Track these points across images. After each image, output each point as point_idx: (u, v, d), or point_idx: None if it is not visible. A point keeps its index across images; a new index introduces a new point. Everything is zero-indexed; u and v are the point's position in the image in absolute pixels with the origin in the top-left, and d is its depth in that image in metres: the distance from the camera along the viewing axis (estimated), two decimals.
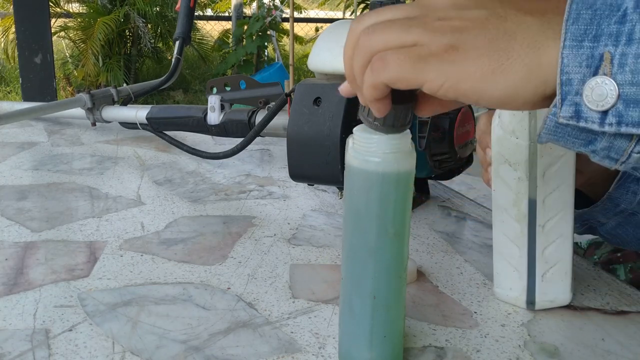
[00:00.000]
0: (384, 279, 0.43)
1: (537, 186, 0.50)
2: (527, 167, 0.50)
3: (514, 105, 0.34)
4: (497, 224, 0.54)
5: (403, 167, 0.40)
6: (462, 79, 0.34)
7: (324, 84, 0.67)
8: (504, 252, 0.54)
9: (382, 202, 0.41)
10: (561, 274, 0.53)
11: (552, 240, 0.52)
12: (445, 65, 0.34)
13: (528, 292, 0.53)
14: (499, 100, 0.34)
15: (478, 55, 0.33)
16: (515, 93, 0.33)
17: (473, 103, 0.36)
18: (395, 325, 0.44)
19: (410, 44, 0.35)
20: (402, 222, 0.42)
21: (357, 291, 0.43)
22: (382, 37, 0.36)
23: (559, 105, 0.32)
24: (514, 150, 0.50)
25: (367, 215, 0.41)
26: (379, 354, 0.44)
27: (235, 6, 5.46)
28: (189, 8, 1.09)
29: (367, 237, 0.42)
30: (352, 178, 0.41)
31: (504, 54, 0.33)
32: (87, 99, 1.05)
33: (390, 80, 0.36)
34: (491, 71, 0.33)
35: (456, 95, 0.35)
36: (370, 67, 0.36)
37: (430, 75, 0.34)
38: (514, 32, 0.33)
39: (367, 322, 0.43)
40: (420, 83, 0.35)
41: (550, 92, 0.33)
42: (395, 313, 0.44)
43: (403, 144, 0.40)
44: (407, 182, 0.41)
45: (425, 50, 0.34)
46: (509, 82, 0.33)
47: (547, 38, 0.33)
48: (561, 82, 0.32)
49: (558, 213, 0.51)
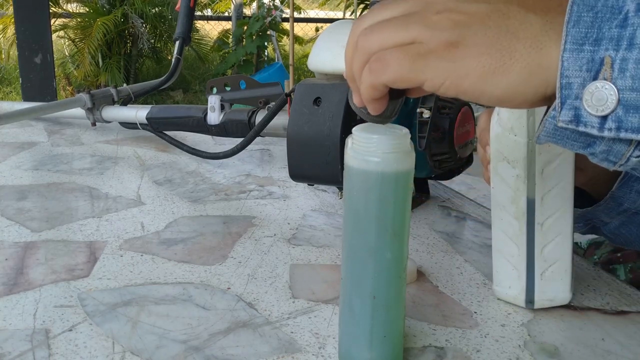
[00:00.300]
0: (384, 279, 0.43)
1: (536, 184, 0.50)
2: (525, 164, 0.50)
3: (513, 104, 0.34)
4: (496, 221, 0.54)
5: (402, 167, 0.40)
6: (463, 77, 0.34)
7: (324, 84, 0.67)
8: (503, 250, 0.54)
9: (381, 202, 0.41)
10: (561, 273, 0.53)
11: (551, 239, 0.52)
12: (445, 63, 0.34)
13: (527, 290, 0.53)
14: (498, 99, 0.33)
15: (479, 53, 0.33)
16: (515, 93, 0.33)
17: (473, 101, 0.35)
18: (395, 325, 0.44)
19: (409, 42, 0.35)
20: (402, 222, 0.42)
21: (357, 291, 0.43)
22: (379, 37, 0.36)
23: (558, 108, 0.32)
24: (512, 148, 0.50)
25: (367, 215, 0.41)
26: (379, 354, 0.44)
27: (235, 6, 5.47)
28: (189, 8, 1.09)
29: (367, 237, 0.42)
30: (352, 178, 0.41)
31: (506, 53, 0.33)
32: (87, 99, 1.05)
33: (389, 81, 0.35)
34: (492, 71, 0.33)
35: (457, 93, 0.34)
36: (369, 67, 0.36)
37: (430, 74, 0.34)
38: (517, 31, 0.33)
39: (367, 322, 0.43)
40: (420, 82, 0.35)
41: (550, 93, 0.33)
42: (395, 313, 0.44)
43: (402, 144, 0.40)
44: (407, 182, 0.41)
45: (424, 47, 0.34)
46: (510, 82, 0.33)
47: (549, 39, 0.32)
48: (561, 85, 0.32)
49: (557, 211, 0.51)
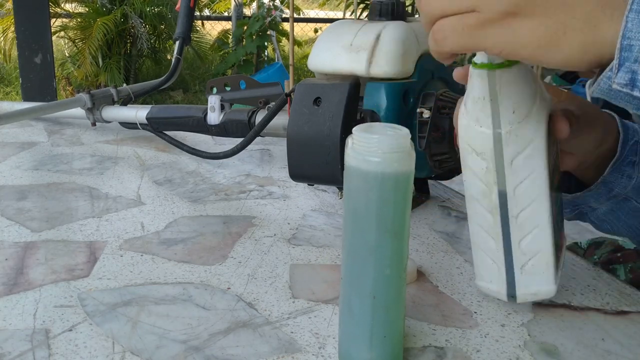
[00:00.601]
0: (384, 279, 0.42)
1: (506, 175, 0.48)
2: (493, 156, 0.48)
3: (572, 69, 0.35)
4: (472, 215, 0.52)
5: (403, 168, 0.40)
6: (520, 47, 0.35)
7: (324, 84, 0.67)
8: (480, 244, 0.52)
9: (381, 202, 0.40)
10: (542, 265, 0.50)
11: (528, 232, 0.50)
12: (503, 32, 0.35)
13: (508, 284, 0.52)
14: (557, 65, 0.35)
15: (536, 25, 0.34)
16: (571, 63, 0.34)
17: (533, 64, 0.37)
18: (395, 325, 0.44)
19: (469, 10, 0.35)
20: (402, 222, 0.42)
21: (356, 291, 0.43)
22: (441, 3, 0.36)
23: (615, 70, 0.32)
24: (479, 139, 0.48)
25: (367, 215, 0.41)
26: (379, 354, 0.44)
27: (235, 6, 5.46)
28: (189, 8, 1.09)
29: (367, 237, 0.42)
30: (351, 178, 0.41)
31: (562, 27, 0.33)
32: (87, 99, 1.05)
33: (452, 51, 0.37)
34: (547, 42, 0.34)
35: (516, 58, 0.36)
36: (432, 36, 0.37)
37: (488, 42, 0.35)
38: (573, 5, 0.33)
39: (367, 322, 0.43)
40: (481, 50, 0.36)
41: (605, 63, 0.33)
42: (395, 313, 0.44)
43: (403, 144, 0.40)
44: (407, 182, 0.41)
45: (482, 17, 0.35)
46: (565, 55, 0.34)
47: (604, 15, 0.33)
48: (621, 47, 0.32)
49: (531, 203, 0.49)
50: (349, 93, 0.65)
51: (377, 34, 0.66)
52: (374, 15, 0.72)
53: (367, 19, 0.72)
